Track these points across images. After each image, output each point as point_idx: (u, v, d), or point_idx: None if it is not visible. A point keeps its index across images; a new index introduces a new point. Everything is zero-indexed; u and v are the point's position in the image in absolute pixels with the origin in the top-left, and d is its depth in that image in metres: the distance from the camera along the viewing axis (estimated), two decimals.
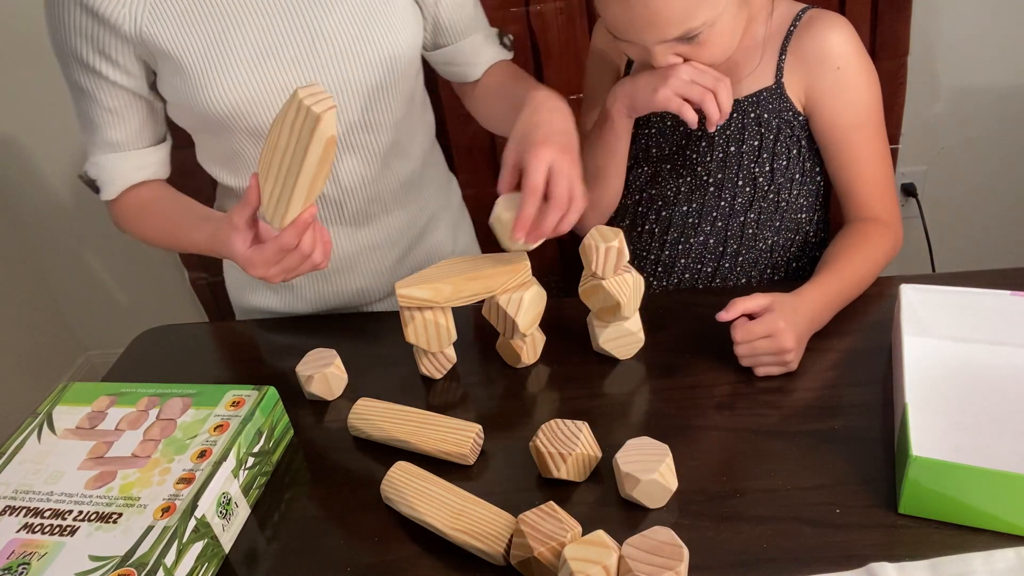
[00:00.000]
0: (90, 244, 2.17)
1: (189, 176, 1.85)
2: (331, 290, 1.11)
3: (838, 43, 0.96)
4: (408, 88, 1.01)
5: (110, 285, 2.25)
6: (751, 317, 0.85)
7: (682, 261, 1.10)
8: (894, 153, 1.88)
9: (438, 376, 0.94)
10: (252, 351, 1.09)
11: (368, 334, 1.05)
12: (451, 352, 0.94)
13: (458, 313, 0.89)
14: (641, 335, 0.92)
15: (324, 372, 0.91)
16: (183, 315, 2.25)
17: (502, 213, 0.82)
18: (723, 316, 0.85)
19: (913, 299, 0.86)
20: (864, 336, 0.90)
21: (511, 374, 0.93)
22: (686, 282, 1.11)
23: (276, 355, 1.04)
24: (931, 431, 0.74)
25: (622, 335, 0.91)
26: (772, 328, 0.83)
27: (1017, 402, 0.77)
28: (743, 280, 1.09)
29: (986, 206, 1.98)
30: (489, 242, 0.99)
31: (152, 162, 0.98)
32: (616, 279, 0.86)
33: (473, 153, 1.22)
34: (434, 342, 0.89)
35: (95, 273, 2.22)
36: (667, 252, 1.10)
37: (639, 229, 1.12)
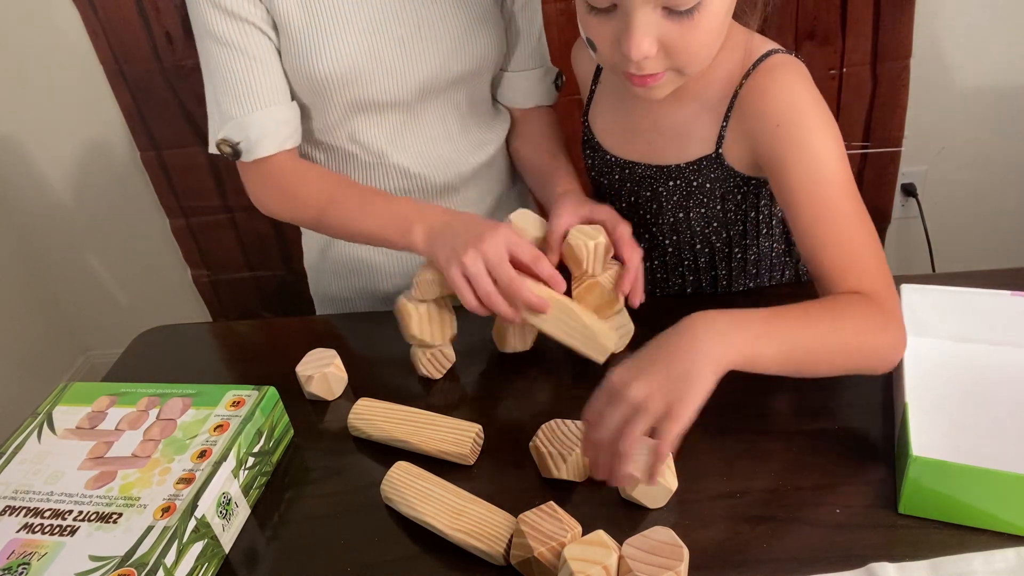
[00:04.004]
0: (90, 244, 2.17)
1: (187, 172, 1.86)
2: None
3: (777, 97, 0.83)
4: (488, 83, 1.10)
5: (110, 285, 2.25)
6: None
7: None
8: (895, 155, 1.88)
9: (437, 376, 0.94)
10: (252, 351, 1.09)
11: (368, 334, 1.05)
12: (450, 352, 0.94)
13: (457, 313, 0.89)
14: (631, 324, 0.92)
15: (324, 372, 0.91)
16: (185, 314, 2.25)
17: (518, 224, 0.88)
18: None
19: (913, 299, 0.86)
20: None
21: (511, 374, 0.93)
22: None
23: (276, 355, 1.03)
24: (931, 431, 0.74)
25: (618, 327, 0.90)
26: (606, 389, 0.69)
27: (1017, 402, 0.77)
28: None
29: (986, 206, 1.98)
30: None
31: (292, 118, 0.98)
32: (609, 274, 0.86)
33: None
34: (437, 334, 0.90)
35: (95, 273, 2.22)
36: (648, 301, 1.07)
37: None
